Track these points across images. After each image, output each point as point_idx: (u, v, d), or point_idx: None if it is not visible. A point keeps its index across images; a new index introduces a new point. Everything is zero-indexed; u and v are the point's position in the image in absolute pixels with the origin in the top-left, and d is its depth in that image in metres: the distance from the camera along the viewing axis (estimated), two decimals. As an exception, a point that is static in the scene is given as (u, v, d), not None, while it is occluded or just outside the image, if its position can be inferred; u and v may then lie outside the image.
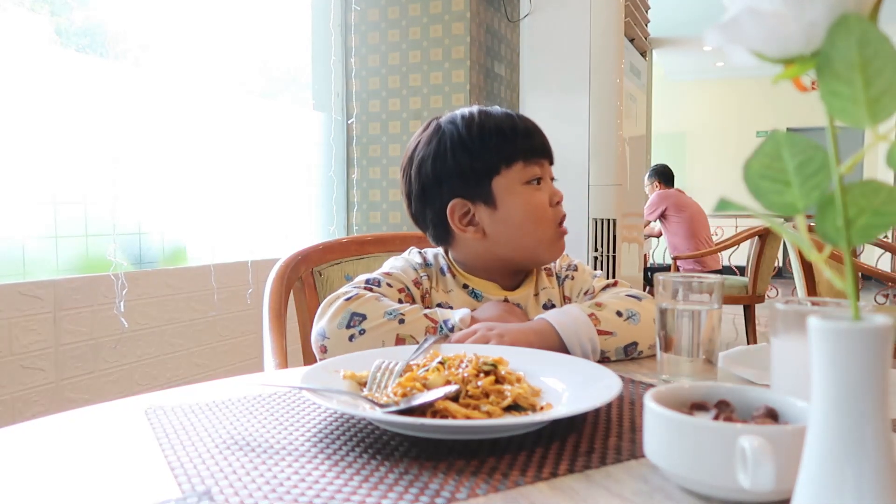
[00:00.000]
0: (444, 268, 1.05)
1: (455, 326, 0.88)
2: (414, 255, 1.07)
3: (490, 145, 0.98)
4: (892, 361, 0.34)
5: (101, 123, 1.96)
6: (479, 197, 0.99)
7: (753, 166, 0.37)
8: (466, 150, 0.98)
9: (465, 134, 0.99)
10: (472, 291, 1.02)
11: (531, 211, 0.98)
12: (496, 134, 0.98)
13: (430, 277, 1.04)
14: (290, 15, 2.82)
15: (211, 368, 2.25)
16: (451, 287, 1.03)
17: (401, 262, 1.04)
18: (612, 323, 0.89)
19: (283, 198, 2.69)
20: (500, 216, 0.99)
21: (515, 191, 0.98)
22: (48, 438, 0.61)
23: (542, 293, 1.06)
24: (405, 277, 1.00)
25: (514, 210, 0.98)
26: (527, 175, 0.98)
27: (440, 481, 0.49)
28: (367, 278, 0.98)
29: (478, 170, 0.98)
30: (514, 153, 0.98)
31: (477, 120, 1.00)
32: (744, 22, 0.34)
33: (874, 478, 0.33)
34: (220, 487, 0.49)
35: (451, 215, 1.00)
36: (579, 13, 2.79)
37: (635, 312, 0.91)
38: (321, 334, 0.89)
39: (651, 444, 0.49)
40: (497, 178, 0.98)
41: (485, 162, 0.98)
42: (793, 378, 0.58)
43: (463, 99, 2.76)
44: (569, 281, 1.08)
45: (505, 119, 1.01)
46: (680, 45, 7.72)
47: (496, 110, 1.03)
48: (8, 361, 1.67)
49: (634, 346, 0.90)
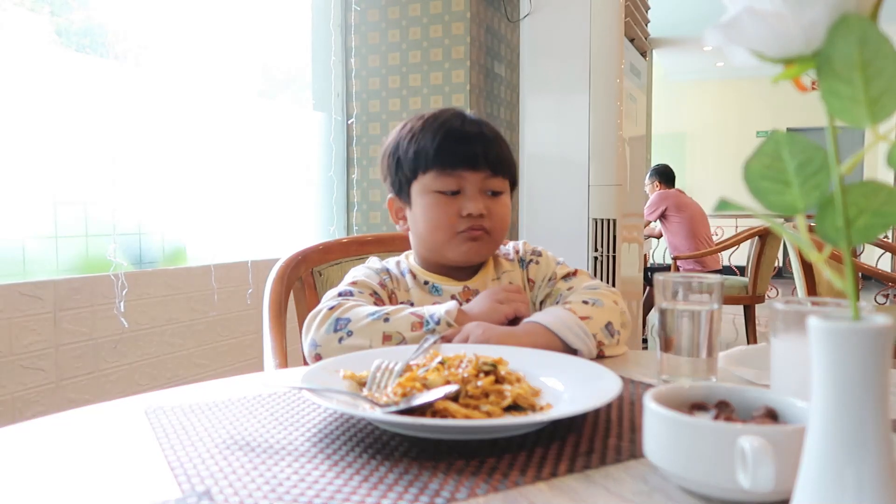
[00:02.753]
0: (405, 270, 1.10)
1: (442, 320, 0.88)
2: (373, 262, 1.12)
3: (411, 153, 1.05)
4: (892, 361, 0.34)
5: (101, 123, 1.96)
6: (403, 197, 1.09)
7: (753, 166, 0.37)
8: (396, 156, 1.08)
9: (402, 140, 1.07)
10: (431, 287, 1.07)
11: (432, 218, 1.04)
12: (419, 142, 1.04)
13: (392, 279, 1.08)
14: (290, 15, 2.82)
15: (211, 368, 2.25)
16: (411, 286, 1.08)
17: (362, 269, 1.09)
18: (585, 309, 0.94)
19: (283, 198, 2.69)
20: (412, 216, 1.08)
21: (425, 196, 1.04)
22: (48, 438, 0.61)
23: (504, 276, 1.10)
24: (370, 282, 1.04)
25: (420, 214, 1.05)
26: (438, 185, 1.03)
27: (440, 481, 0.49)
28: (338, 292, 1.01)
29: (401, 174, 1.07)
30: (428, 163, 1.03)
31: (416, 126, 1.07)
32: (744, 22, 0.34)
33: (874, 478, 0.33)
34: (220, 487, 0.49)
35: (391, 209, 1.13)
36: (579, 13, 2.79)
37: (597, 299, 0.97)
38: (313, 345, 0.91)
39: (651, 444, 0.49)
40: (414, 182, 1.06)
41: (406, 168, 1.06)
42: (793, 378, 0.58)
43: (463, 99, 2.76)
44: (533, 265, 1.12)
45: (439, 127, 1.04)
46: (680, 45, 7.72)
47: (445, 116, 1.07)
48: (8, 361, 1.67)
49: (610, 324, 0.94)
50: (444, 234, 1.03)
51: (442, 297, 1.05)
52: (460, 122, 1.06)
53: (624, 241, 2.90)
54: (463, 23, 2.74)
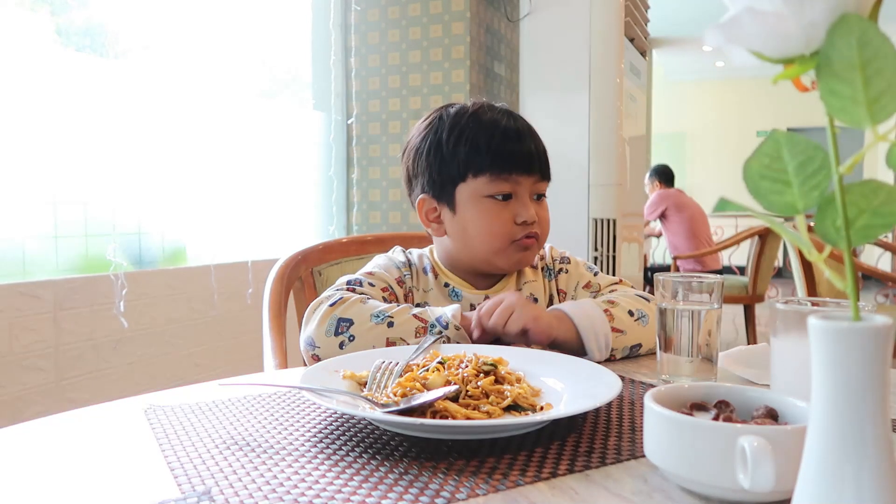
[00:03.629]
0: (427, 267, 1.06)
1: (449, 324, 0.87)
2: (398, 254, 1.08)
3: (461, 154, 0.98)
4: (892, 361, 0.34)
5: (101, 123, 1.96)
6: (444, 199, 1.01)
7: (753, 166, 0.37)
8: (439, 154, 1.00)
9: (445, 137, 1.00)
10: (452, 291, 1.03)
11: (485, 225, 0.98)
12: (470, 142, 0.98)
13: (412, 276, 1.05)
14: (290, 15, 2.81)
15: (211, 368, 2.24)
16: (431, 286, 1.04)
17: (384, 260, 1.05)
18: (624, 322, 0.90)
19: (283, 198, 2.69)
20: (458, 221, 1.00)
21: (476, 202, 0.98)
22: (48, 438, 0.61)
23: (525, 287, 1.06)
24: (388, 276, 1.01)
25: (471, 220, 0.99)
26: (492, 189, 0.97)
27: (440, 481, 0.49)
28: (348, 279, 0.98)
29: (445, 175, 1.00)
30: (482, 166, 0.97)
31: (462, 123, 1.00)
32: (744, 22, 0.34)
33: (874, 478, 0.33)
34: (220, 487, 0.49)
35: (420, 209, 1.04)
36: (579, 13, 2.79)
37: (645, 314, 0.93)
38: (310, 343, 0.88)
39: (651, 443, 0.49)
40: (462, 185, 0.99)
41: (452, 169, 0.99)
42: (793, 378, 0.58)
43: (463, 99, 2.76)
44: (563, 275, 1.08)
45: (491, 126, 0.98)
46: (680, 45, 7.72)
47: (494, 112, 1.01)
48: (8, 361, 1.67)
49: (639, 346, 0.91)
50: (500, 243, 0.98)
51: (461, 304, 1.01)
52: (511, 119, 1.00)
53: (624, 241, 2.90)
54: (463, 22, 2.74)
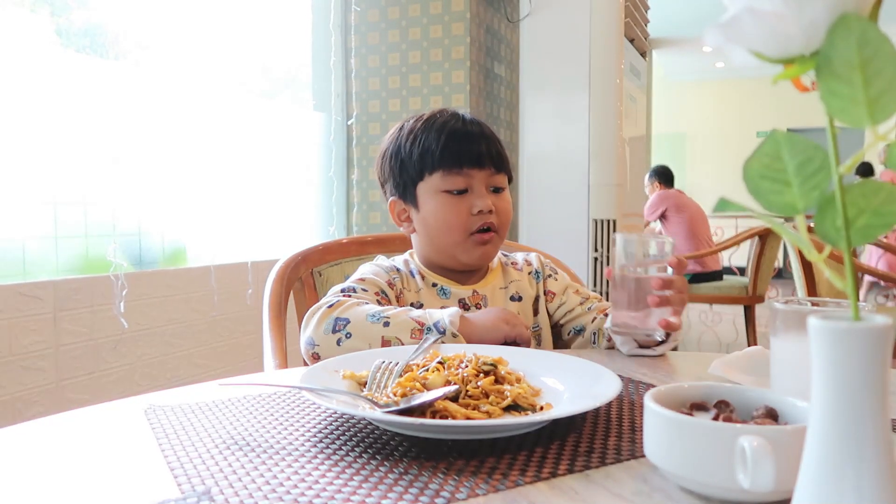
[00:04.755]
0: (414, 270, 1.10)
1: (447, 330, 0.88)
2: (383, 260, 1.12)
3: (415, 154, 1.06)
4: (892, 361, 0.34)
5: (102, 123, 1.96)
6: (409, 199, 1.09)
7: (753, 166, 0.37)
8: (399, 158, 1.08)
9: (403, 142, 1.08)
10: (440, 289, 1.08)
11: (442, 218, 1.04)
12: (422, 143, 1.06)
13: (402, 279, 1.08)
14: (290, 15, 2.82)
15: (211, 368, 2.24)
16: (420, 286, 1.08)
17: (371, 267, 1.10)
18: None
19: (283, 198, 2.69)
20: (421, 218, 1.08)
21: (434, 196, 1.05)
22: (48, 438, 0.61)
23: (511, 286, 1.12)
24: (379, 280, 1.04)
25: (430, 214, 1.06)
26: (447, 184, 1.04)
27: (440, 481, 0.49)
28: (341, 288, 1.01)
29: (406, 176, 1.08)
30: (434, 163, 1.04)
31: (417, 128, 1.08)
32: (744, 22, 0.34)
33: (874, 478, 0.33)
34: (220, 487, 0.49)
35: (392, 211, 1.13)
36: (579, 13, 2.79)
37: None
38: (310, 343, 0.90)
39: (651, 444, 0.49)
40: (421, 183, 1.06)
41: (411, 169, 1.07)
42: (793, 378, 0.58)
43: (463, 99, 2.76)
44: (552, 280, 1.15)
45: (440, 127, 1.06)
46: (680, 46, 7.72)
47: (445, 116, 1.08)
48: (8, 361, 1.67)
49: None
50: (458, 235, 1.04)
51: (450, 300, 1.06)
52: (461, 122, 1.07)
53: (624, 242, 2.90)
54: (463, 23, 2.74)
